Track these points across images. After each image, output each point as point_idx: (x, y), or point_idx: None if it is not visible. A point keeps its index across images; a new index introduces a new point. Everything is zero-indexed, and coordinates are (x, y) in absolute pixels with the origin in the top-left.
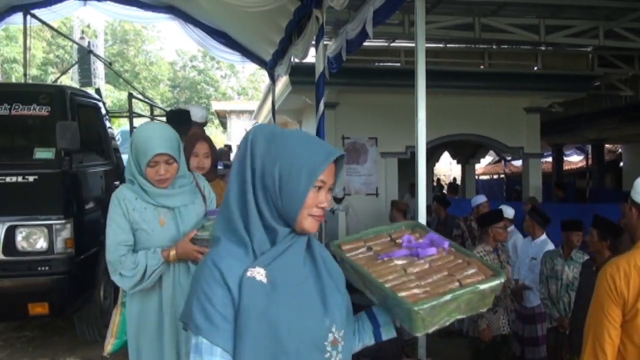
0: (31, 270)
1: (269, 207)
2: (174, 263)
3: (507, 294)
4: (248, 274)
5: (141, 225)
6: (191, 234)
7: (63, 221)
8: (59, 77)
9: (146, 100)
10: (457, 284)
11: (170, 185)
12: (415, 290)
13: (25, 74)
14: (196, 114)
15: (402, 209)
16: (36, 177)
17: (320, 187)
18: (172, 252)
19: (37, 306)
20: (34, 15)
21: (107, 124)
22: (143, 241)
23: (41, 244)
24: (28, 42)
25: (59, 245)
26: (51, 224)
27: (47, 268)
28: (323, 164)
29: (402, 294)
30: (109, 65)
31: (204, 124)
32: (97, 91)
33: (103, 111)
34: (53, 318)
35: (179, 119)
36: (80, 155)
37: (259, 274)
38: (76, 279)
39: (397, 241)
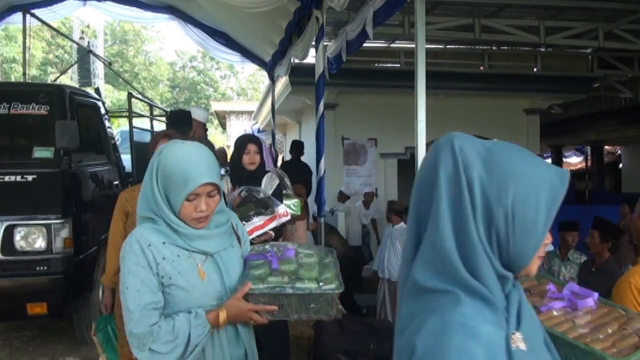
0: (30, 270)
1: (499, 248)
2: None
3: None
4: (512, 343)
5: (176, 281)
6: (245, 287)
7: (62, 221)
8: (58, 77)
9: (146, 100)
10: (637, 338)
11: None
12: (605, 344)
13: (24, 74)
14: (201, 115)
15: (399, 210)
16: (35, 176)
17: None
18: (222, 315)
19: (35, 306)
20: (33, 15)
21: (107, 123)
22: (178, 302)
23: (40, 243)
24: (27, 41)
25: (57, 244)
26: (50, 224)
27: (45, 268)
28: (562, 186)
29: (597, 346)
30: (108, 65)
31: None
32: (97, 91)
33: (102, 111)
34: (52, 318)
35: (180, 119)
36: (79, 154)
37: (519, 340)
38: (75, 278)
39: (532, 291)
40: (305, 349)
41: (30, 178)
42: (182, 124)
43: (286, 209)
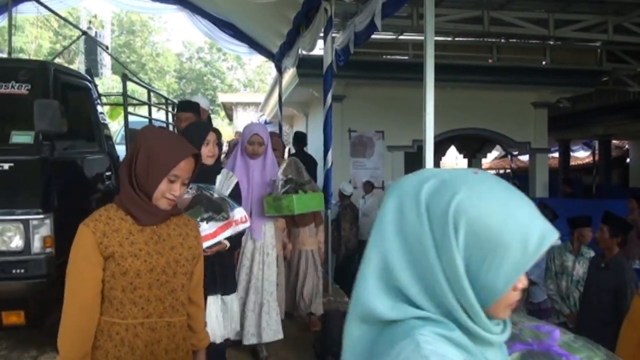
0: (4, 274)
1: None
2: None
3: None
4: None
5: None
6: None
7: (42, 216)
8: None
9: (143, 84)
10: None
11: None
12: None
13: (9, 52)
14: (205, 104)
15: None
16: (12, 164)
17: None
18: None
19: (11, 315)
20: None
21: (99, 108)
22: None
23: (16, 242)
24: (35, 31)
25: (36, 244)
26: (27, 220)
27: (22, 271)
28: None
29: None
30: (105, 49)
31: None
32: (88, 71)
33: (94, 94)
34: (31, 329)
35: (191, 107)
36: (65, 141)
37: None
38: (56, 283)
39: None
40: (311, 341)
41: (6, 167)
42: (192, 112)
43: (244, 214)
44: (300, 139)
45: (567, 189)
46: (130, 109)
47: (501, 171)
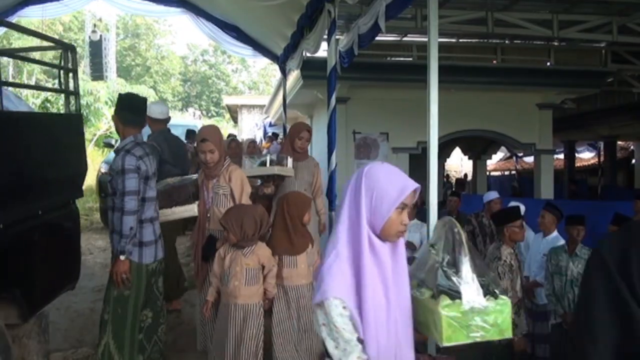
0: None
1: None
2: None
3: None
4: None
5: None
6: None
7: None
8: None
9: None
10: None
11: None
12: None
13: None
14: (156, 111)
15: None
16: None
17: None
18: None
19: None
20: None
21: None
22: None
23: None
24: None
25: None
26: None
27: None
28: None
29: None
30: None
31: (168, 119)
32: None
33: None
34: None
35: (136, 106)
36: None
37: None
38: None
39: None
40: None
41: None
42: (140, 112)
43: None
44: None
45: (572, 186)
46: None
47: (506, 173)
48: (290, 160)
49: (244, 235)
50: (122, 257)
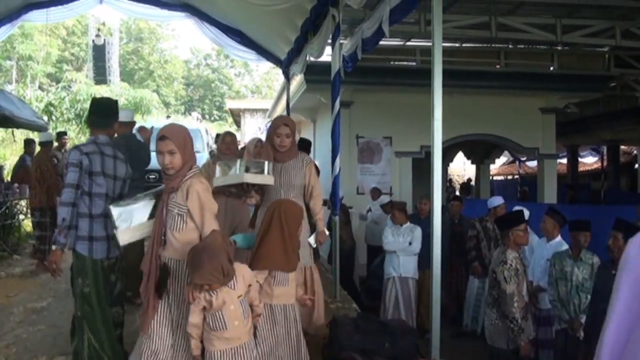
0: None
1: None
2: None
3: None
4: None
5: None
6: None
7: None
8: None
9: None
10: None
11: None
12: None
13: None
14: (121, 115)
15: (403, 209)
16: None
17: None
18: None
19: None
20: None
21: None
22: None
23: None
24: (44, 39)
25: None
26: None
27: None
28: None
29: None
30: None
31: (133, 123)
32: None
33: None
34: None
35: (102, 109)
36: None
37: None
38: None
39: None
40: (320, 347)
41: None
42: (110, 115)
43: None
44: (303, 147)
45: (570, 191)
46: None
47: (509, 177)
48: (269, 166)
49: (227, 274)
50: (53, 247)
